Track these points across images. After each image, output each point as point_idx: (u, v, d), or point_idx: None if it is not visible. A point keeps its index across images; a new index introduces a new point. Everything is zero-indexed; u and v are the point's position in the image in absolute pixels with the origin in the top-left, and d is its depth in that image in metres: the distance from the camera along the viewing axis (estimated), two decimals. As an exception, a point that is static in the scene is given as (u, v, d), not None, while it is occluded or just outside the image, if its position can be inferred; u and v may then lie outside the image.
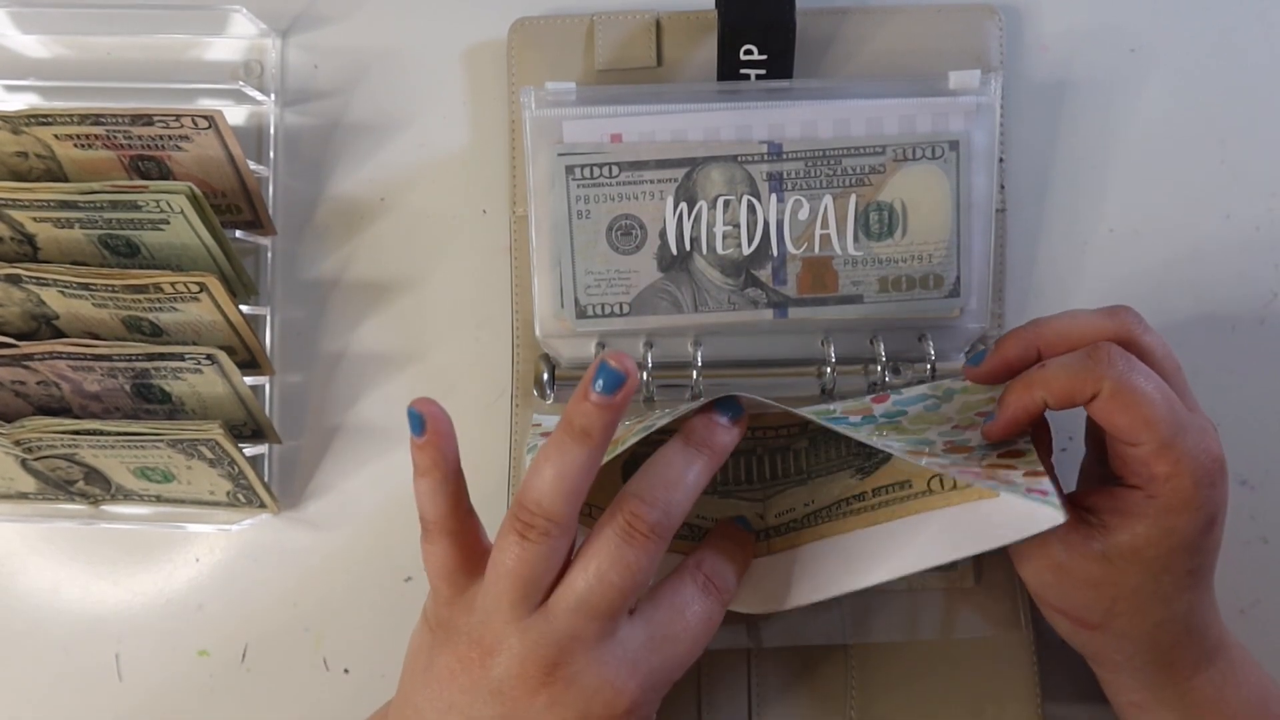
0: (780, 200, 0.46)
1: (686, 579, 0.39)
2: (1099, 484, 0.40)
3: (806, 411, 0.42)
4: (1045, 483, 0.38)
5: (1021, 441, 0.41)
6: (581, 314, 0.46)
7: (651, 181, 0.45)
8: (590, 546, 0.36)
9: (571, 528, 0.36)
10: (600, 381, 0.35)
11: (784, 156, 0.45)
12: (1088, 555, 0.39)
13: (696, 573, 0.39)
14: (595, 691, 0.35)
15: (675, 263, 0.46)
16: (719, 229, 0.46)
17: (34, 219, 0.44)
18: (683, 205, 0.46)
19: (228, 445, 0.44)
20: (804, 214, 0.46)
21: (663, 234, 0.46)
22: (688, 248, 0.46)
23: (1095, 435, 0.43)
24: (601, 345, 0.47)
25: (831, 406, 0.46)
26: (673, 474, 0.37)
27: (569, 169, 0.45)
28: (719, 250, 0.46)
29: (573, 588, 0.36)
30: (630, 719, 0.36)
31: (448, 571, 0.38)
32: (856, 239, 0.46)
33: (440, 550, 0.38)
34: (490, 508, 0.49)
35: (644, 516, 0.36)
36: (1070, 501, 0.39)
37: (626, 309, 0.46)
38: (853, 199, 0.46)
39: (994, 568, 0.47)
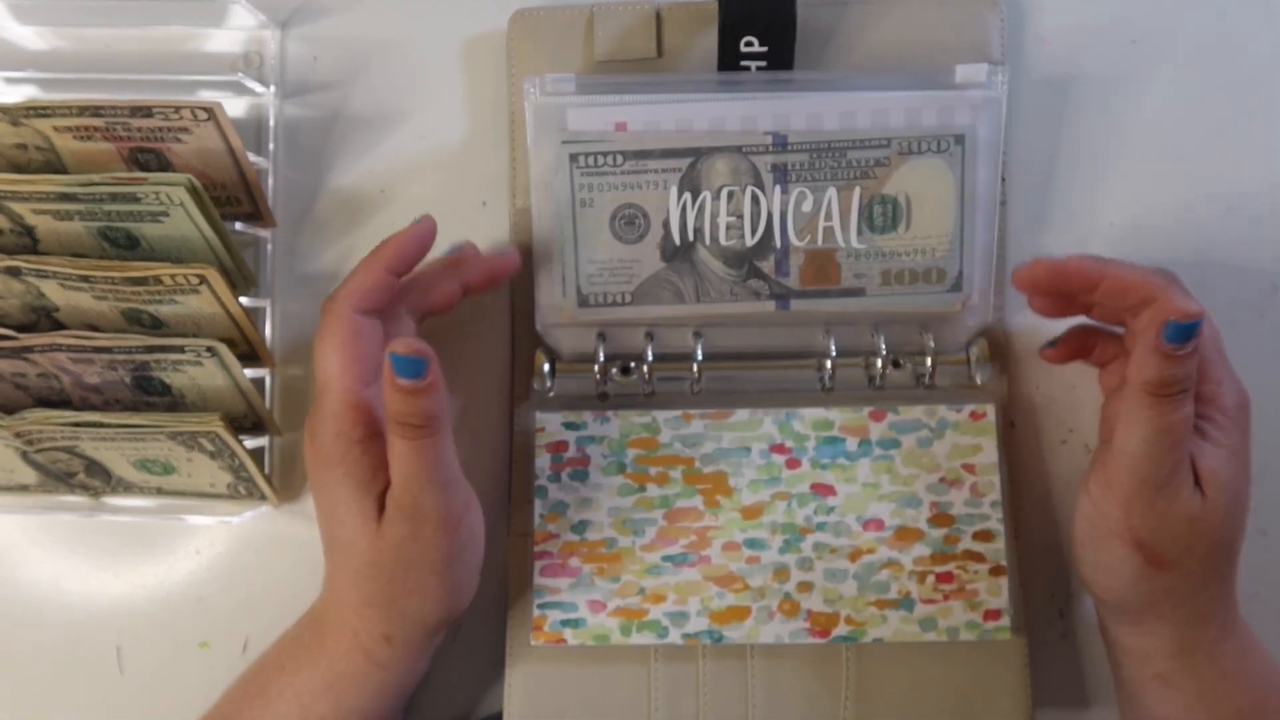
0: (784, 192, 0.46)
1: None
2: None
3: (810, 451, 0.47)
4: (1002, 597, 0.46)
5: (994, 519, 0.46)
6: (583, 303, 0.46)
7: (656, 171, 0.45)
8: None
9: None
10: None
11: (789, 148, 0.45)
12: (1193, 492, 0.40)
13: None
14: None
15: (678, 253, 0.46)
16: (723, 220, 0.46)
17: (33, 211, 0.44)
18: (686, 195, 0.46)
19: (228, 437, 0.44)
20: (808, 206, 0.46)
21: (666, 224, 0.46)
22: (691, 238, 0.46)
23: (1112, 410, 0.44)
24: (602, 336, 0.47)
25: (830, 417, 0.47)
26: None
27: (573, 157, 0.45)
28: (722, 241, 0.46)
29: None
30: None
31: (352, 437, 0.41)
32: (860, 232, 0.46)
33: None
34: (491, 501, 0.49)
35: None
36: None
37: (628, 298, 0.46)
38: (857, 191, 0.46)
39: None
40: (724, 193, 0.46)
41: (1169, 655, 0.42)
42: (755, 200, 0.46)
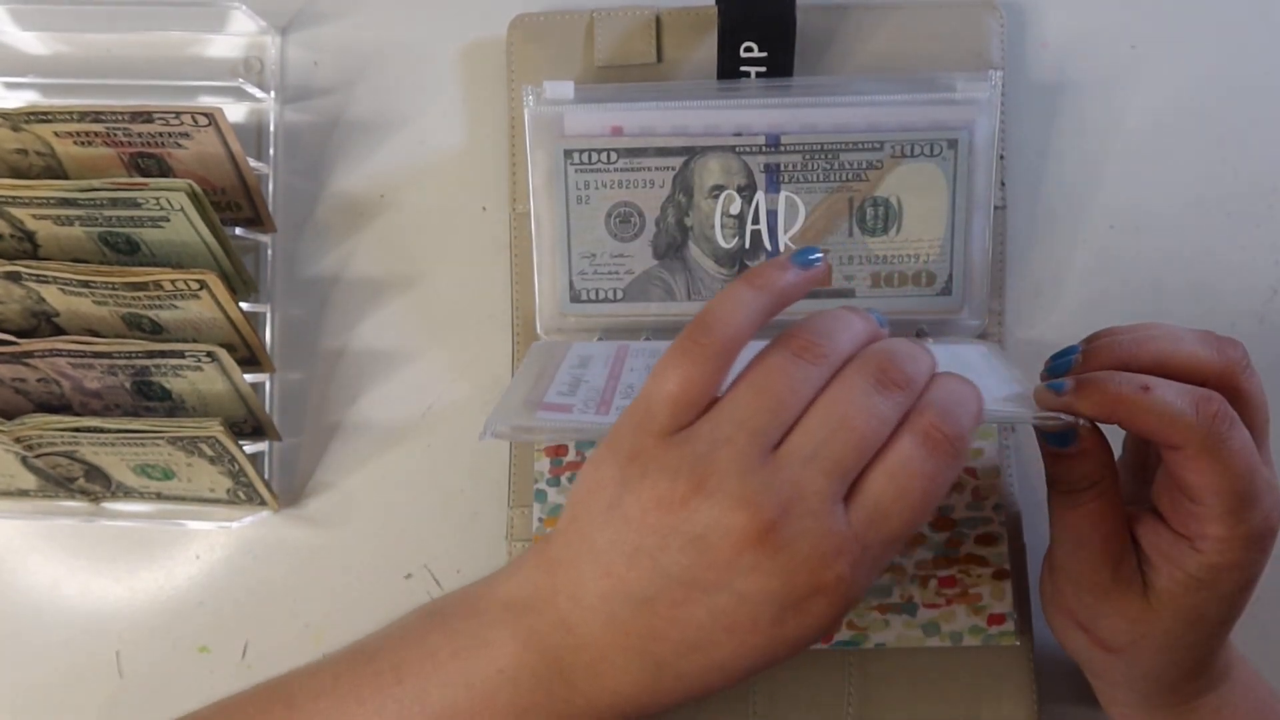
0: (776, 192, 0.46)
1: (905, 436, 0.33)
2: (1136, 505, 0.39)
3: None
4: (1005, 601, 0.45)
5: (996, 523, 0.45)
6: (575, 298, 0.46)
7: (650, 169, 0.46)
8: (833, 391, 0.33)
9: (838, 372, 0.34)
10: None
11: (781, 149, 0.45)
12: (1130, 587, 0.38)
13: (918, 422, 0.33)
14: (804, 562, 0.31)
15: (670, 251, 0.46)
16: (715, 219, 0.46)
17: (34, 216, 0.44)
18: (680, 194, 0.46)
19: (228, 442, 0.44)
20: (800, 206, 0.46)
21: (659, 222, 0.46)
22: (683, 236, 0.46)
23: (1139, 453, 0.42)
24: (602, 339, 0.47)
25: None
26: (925, 355, 0.35)
27: (567, 153, 0.45)
28: (714, 240, 0.46)
29: (811, 433, 0.32)
30: (831, 602, 0.32)
31: (681, 398, 0.32)
32: (851, 233, 0.46)
33: (692, 371, 0.32)
34: (490, 504, 0.49)
35: (901, 368, 0.33)
36: (1128, 533, 0.38)
37: (620, 295, 0.47)
38: (849, 193, 0.46)
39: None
40: (716, 192, 0.46)
41: (1133, 708, 0.41)
42: (747, 200, 0.46)
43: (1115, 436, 0.38)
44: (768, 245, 0.46)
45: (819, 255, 0.36)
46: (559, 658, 0.33)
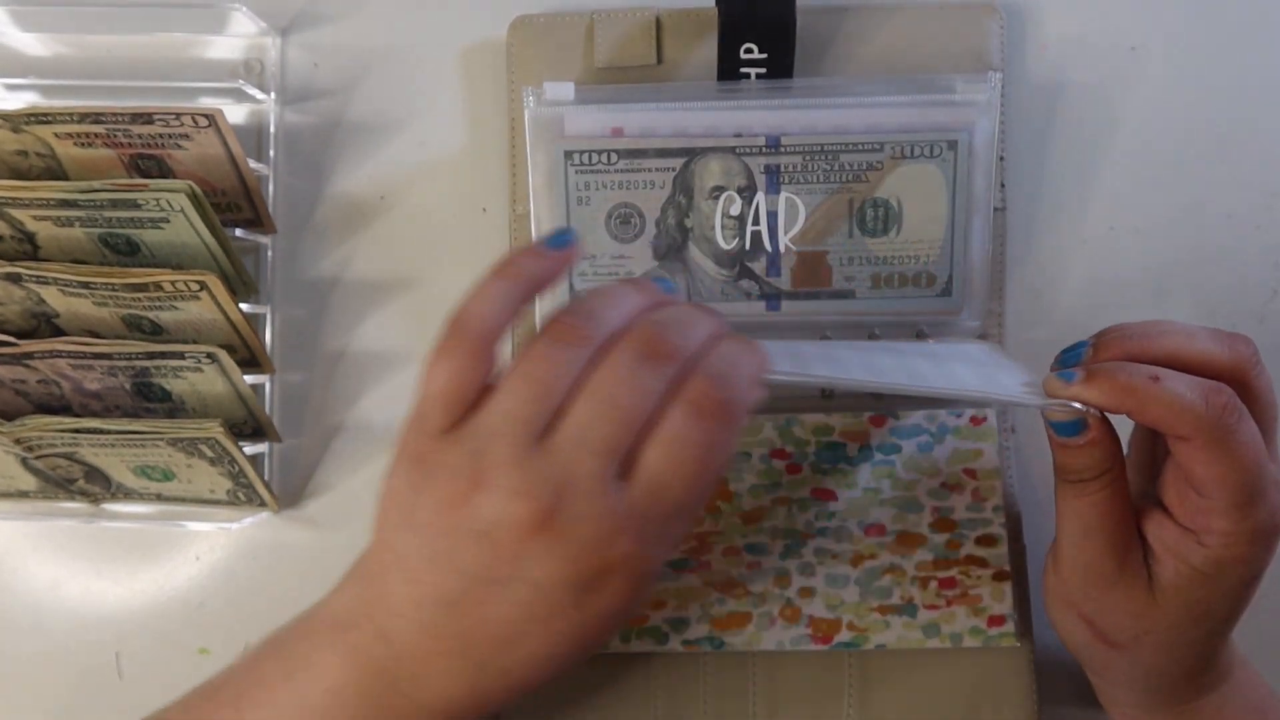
0: (777, 193, 0.46)
1: (677, 407, 0.33)
2: (1141, 499, 0.39)
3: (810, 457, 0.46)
4: (1005, 603, 0.45)
5: (996, 524, 0.46)
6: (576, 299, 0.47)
7: (650, 170, 0.46)
8: (600, 371, 0.33)
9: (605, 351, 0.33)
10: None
11: (782, 150, 0.45)
12: (1136, 580, 0.38)
13: (689, 391, 0.33)
14: (588, 545, 0.32)
15: (670, 252, 0.46)
16: (715, 220, 0.46)
17: (34, 217, 0.44)
18: (680, 195, 0.46)
19: (228, 444, 0.44)
20: (800, 208, 0.46)
21: (659, 223, 0.46)
22: (683, 238, 0.46)
23: (1146, 447, 0.42)
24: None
25: (830, 422, 0.47)
26: (694, 314, 0.35)
27: (567, 154, 0.45)
28: (714, 241, 0.46)
29: (578, 417, 0.32)
30: (625, 578, 0.33)
31: (449, 395, 0.33)
32: (851, 234, 0.46)
33: (456, 368, 0.33)
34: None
35: (665, 337, 0.33)
36: (1134, 525, 0.38)
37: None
38: (849, 194, 0.46)
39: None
40: (717, 193, 0.46)
41: (1134, 707, 0.41)
42: (748, 201, 0.46)
43: (1123, 431, 0.38)
44: (768, 246, 0.46)
45: (569, 235, 0.36)
46: (384, 670, 0.34)
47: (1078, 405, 0.36)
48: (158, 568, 0.50)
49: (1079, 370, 0.36)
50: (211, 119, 0.44)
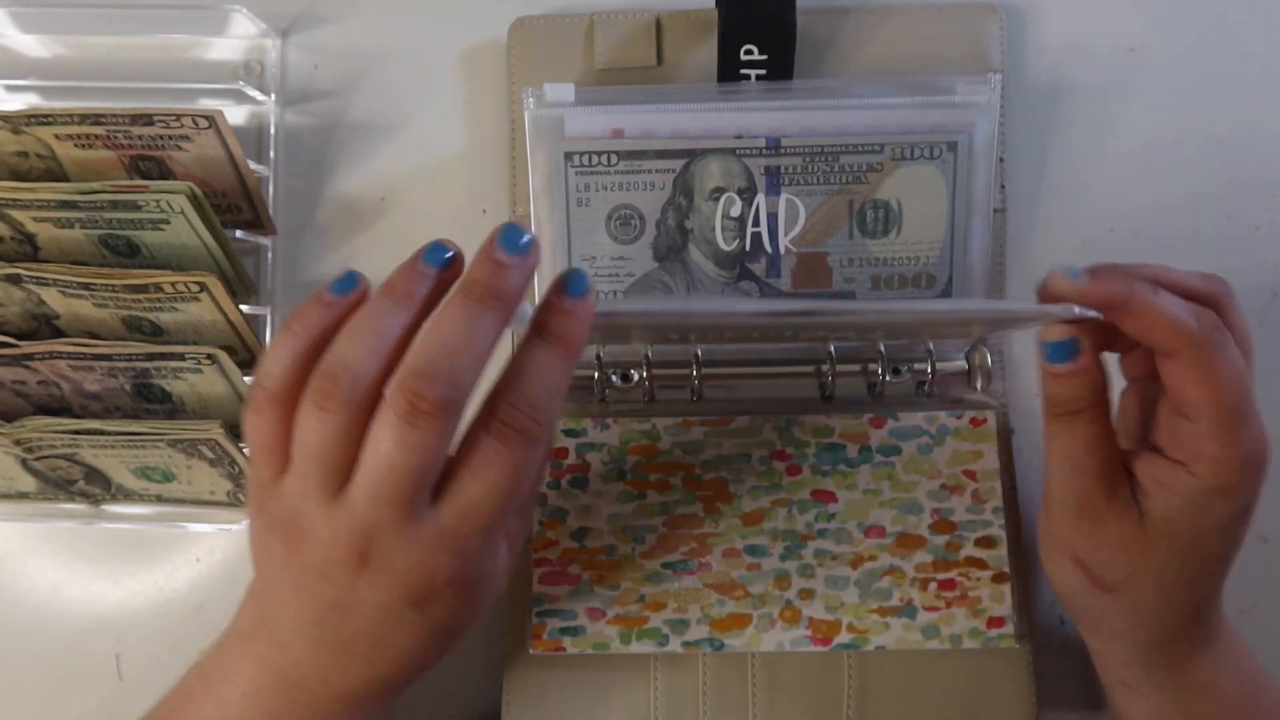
0: (777, 194, 0.46)
1: (479, 433, 0.34)
2: (1132, 446, 0.40)
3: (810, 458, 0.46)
4: (1005, 604, 0.45)
5: (996, 525, 0.46)
6: None
7: (650, 172, 0.46)
8: (375, 430, 0.33)
9: (374, 395, 0.33)
10: (426, 255, 0.35)
11: (782, 151, 0.45)
12: (1126, 515, 0.38)
13: (489, 420, 0.34)
14: (408, 572, 0.34)
15: (670, 253, 0.46)
16: (715, 221, 0.46)
17: (34, 219, 0.44)
18: (680, 196, 0.46)
19: (228, 445, 0.44)
20: (800, 209, 0.46)
21: (659, 224, 0.46)
22: (683, 239, 0.46)
23: (1142, 396, 0.42)
24: (600, 346, 0.47)
25: (830, 423, 0.47)
26: (455, 339, 0.33)
27: (568, 156, 0.45)
28: (714, 242, 0.46)
29: (366, 475, 0.33)
30: (457, 589, 0.35)
31: (263, 449, 0.35)
32: (851, 236, 0.46)
33: (260, 424, 0.34)
34: (490, 507, 0.49)
35: (425, 394, 0.32)
36: (1121, 462, 0.39)
37: (619, 297, 0.47)
38: (849, 196, 0.46)
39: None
40: (717, 194, 0.46)
41: (1129, 666, 0.41)
42: (748, 202, 0.46)
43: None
44: (768, 248, 0.46)
45: (352, 279, 0.36)
46: (287, 672, 0.37)
47: (1076, 310, 0.36)
48: (158, 569, 0.50)
49: (1083, 268, 0.37)
50: (212, 120, 0.44)
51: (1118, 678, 0.42)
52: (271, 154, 0.50)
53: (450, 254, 0.35)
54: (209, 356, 0.44)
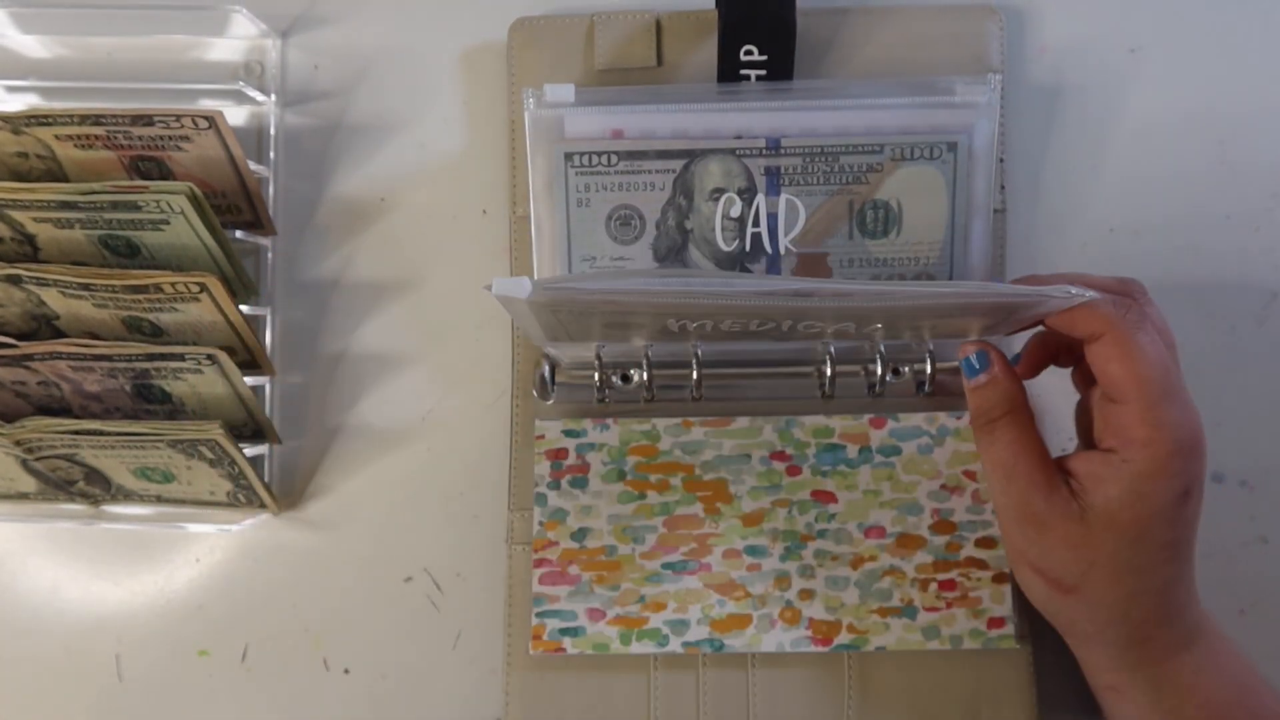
0: (777, 195, 0.46)
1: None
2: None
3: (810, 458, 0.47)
4: (1005, 605, 0.45)
5: (996, 527, 0.46)
6: None
7: (650, 172, 0.46)
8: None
9: None
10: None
11: (782, 151, 0.45)
12: (1067, 514, 0.39)
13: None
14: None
15: (670, 254, 0.46)
16: (715, 221, 0.46)
17: (34, 219, 0.44)
18: (680, 196, 0.46)
19: (228, 445, 0.44)
20: (800, 209, 0.46)
21: (659, 224, 0.46)
22: (683, 239, 0.46)
23: (1089, 404, 0.43)
24: (601, 346, 0.47)
25: (830, 424, 0.47)
26: None
27: (568, 156, 0.45)
28: (714, 242, 0.46)
29: None
30: None
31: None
32: (851, 236, 0.46)
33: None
34: (490, 508, 0.49)
35: None
36: (1054, 464, 0.41)
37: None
38: (849, 196, 0.46)
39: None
40: (717, 195, 0.46)
41: (1112, 670, 0.41)
42: (748, 203, 0.46)
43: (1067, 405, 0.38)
44: (768, 248, 0.46)
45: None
46: None
47: (1073, 291, 0.38)
48: (158, 570, 0.50)
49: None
50: (212, 121, 0.44)
51: (1105, 683, 0.42)
52: (272, 154, 0.50)
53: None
54: (209, 357, 0.44)
